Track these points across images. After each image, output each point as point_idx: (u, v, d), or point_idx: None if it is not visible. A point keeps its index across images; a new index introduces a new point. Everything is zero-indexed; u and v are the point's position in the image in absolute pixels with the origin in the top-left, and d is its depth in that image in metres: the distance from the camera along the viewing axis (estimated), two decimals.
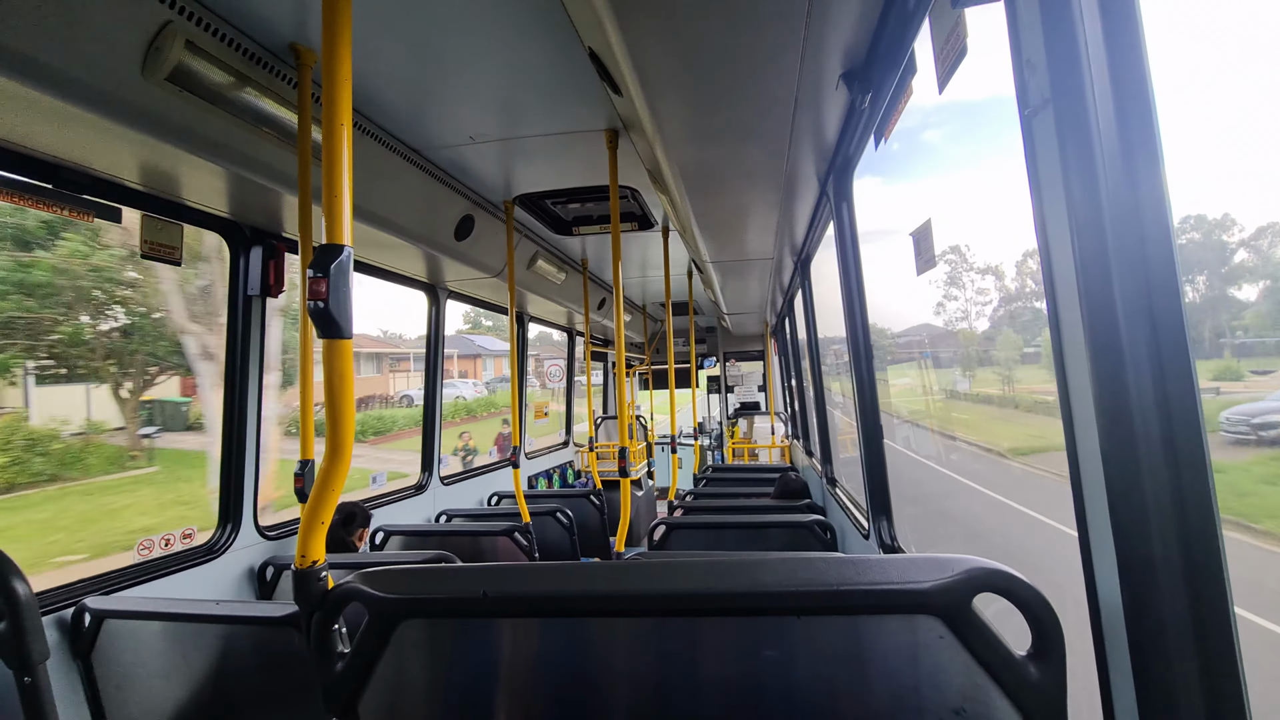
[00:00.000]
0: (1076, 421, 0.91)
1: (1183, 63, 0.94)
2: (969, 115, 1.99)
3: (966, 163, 2.54)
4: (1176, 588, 0.78)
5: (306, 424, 2.16)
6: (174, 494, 8.74)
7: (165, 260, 2.39)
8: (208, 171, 2.13)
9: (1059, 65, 0.86)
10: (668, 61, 1.78)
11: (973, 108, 1.81)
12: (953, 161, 2.68)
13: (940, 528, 3.27)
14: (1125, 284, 0.81)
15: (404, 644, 1.11)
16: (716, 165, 2.63)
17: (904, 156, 2.49)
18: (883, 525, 2.57)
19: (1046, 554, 2.26)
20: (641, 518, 5.73)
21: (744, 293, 6.11)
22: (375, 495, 3.85)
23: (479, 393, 22.49)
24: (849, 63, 1.84)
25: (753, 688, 1.02)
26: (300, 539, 1.43)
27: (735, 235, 3.88)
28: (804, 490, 3.89)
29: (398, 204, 2.95)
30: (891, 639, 0.97)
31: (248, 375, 2.74)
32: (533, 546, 3.35)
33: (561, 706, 1.10)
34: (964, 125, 2.18)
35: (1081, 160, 0.84)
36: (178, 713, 1.89)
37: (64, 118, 1.69)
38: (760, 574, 0.99)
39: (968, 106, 1.82)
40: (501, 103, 2.48)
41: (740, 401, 9.60)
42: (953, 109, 1.99)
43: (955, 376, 3.45)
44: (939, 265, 1.77)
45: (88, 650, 1.97)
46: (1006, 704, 0.92)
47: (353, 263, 1.37)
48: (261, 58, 1.98)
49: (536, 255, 4.57)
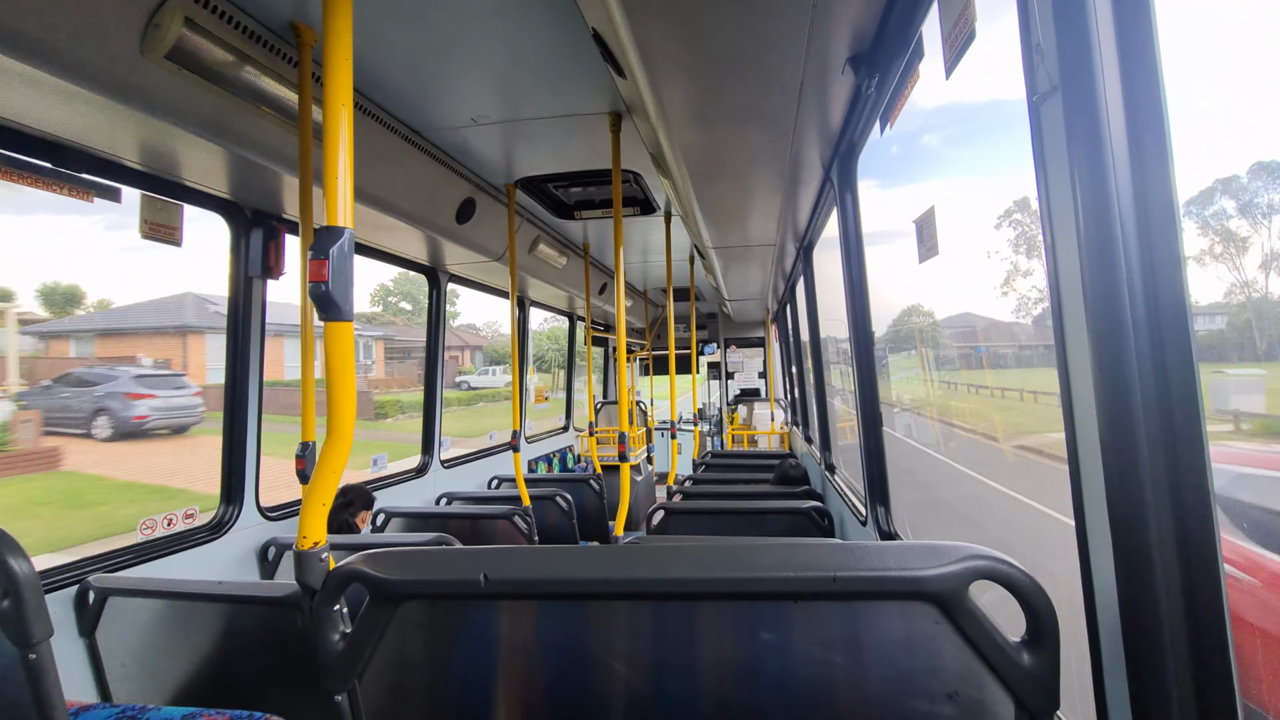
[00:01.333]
0: (1076, 409, 0.91)
1: (1194, 50, 0.92)
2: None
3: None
4: (1172, 578, 0.79)
5: (307, 406, 2.17)
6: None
7: (165, 241, 2.38)
8: (207, 151, 2.12)
9: (1068, 52, 0.85)
10: (672, 43, 1.76)
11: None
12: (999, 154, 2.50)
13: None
14: (1130, 273, 0.80)
15: (404, 625, 1.13)
16: (720, 149, 2.61)
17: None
18: (880, 512, 2.59)
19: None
20: (640, 502, 5.76)
21: (746, 279, 6.09)
22: (377, 478, 3.88)
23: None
24: (856, 46, 1.81)
25: (749, 672, 1.03)
26: (302, 520, 1.44)
27: (738, 221, 3.86)
28: (803, 477, 3.91)
29: (398, 186, 2.93)
30: (887, 625, 0.97)
31: (249, 355, 2.75)
32: (532, 530, 3.37)
33: (560, 688, 1.11)
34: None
35: (1089, 147, 0.83)
36: (181, 690, 1.92)
37: (62, 95, 1.68)
38: (758, 559, 1.00)
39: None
40: (503, 84, 2.45)
41: (740, 388, 9.61)
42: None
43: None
44: (1005, 228, 1.65)
45: (92, 628, 1.99)
46: (999, 689, 0.93)
47: (354, 245, 1.36)
48: (261, 36, 1.96)
49: (538, 239, 4.55)
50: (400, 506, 3.60)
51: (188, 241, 2.41)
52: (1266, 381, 1.23)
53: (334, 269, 1.32)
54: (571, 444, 7.20)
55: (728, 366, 9.66)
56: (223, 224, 2.69)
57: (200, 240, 2.60)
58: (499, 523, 3.42)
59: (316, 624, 1.14)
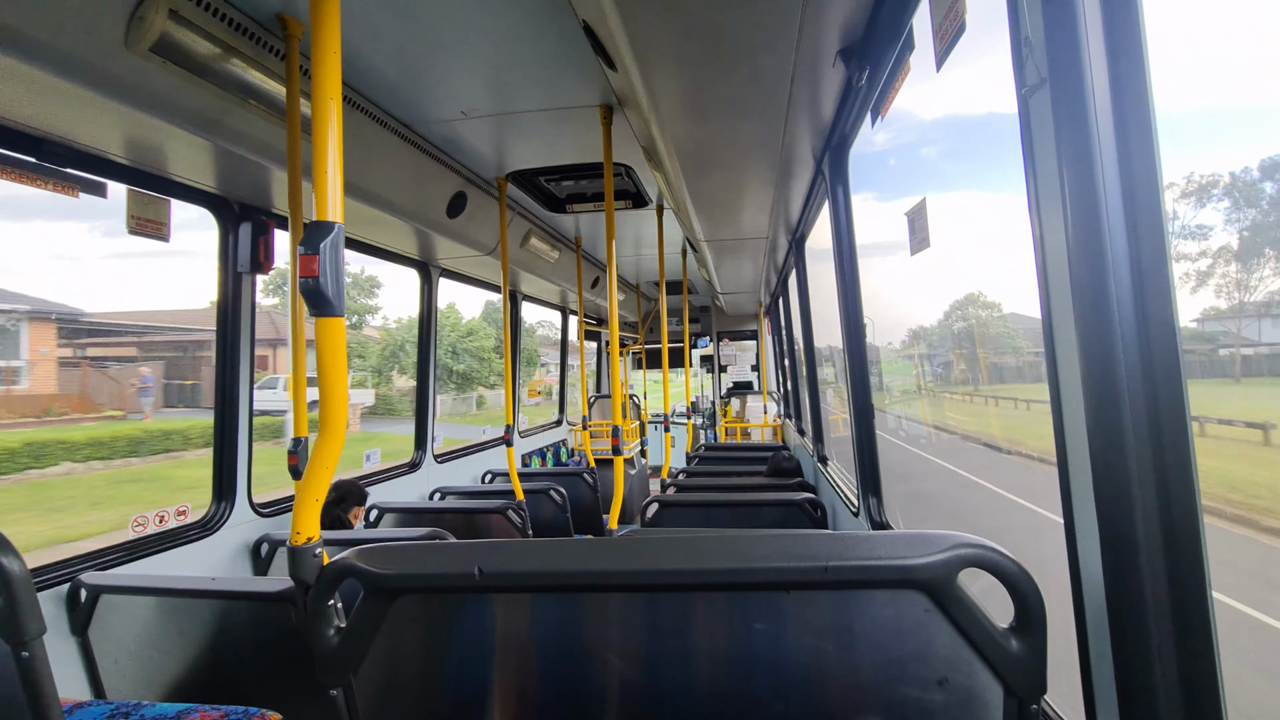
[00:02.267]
0: (1064, 402, 0.92)
1: (1179, 43, 0.93)
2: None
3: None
4: (1157, 566, 0.80)
5: (299, 402, 2.16)
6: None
7: (152, 236, 2.35)
8: (194, 145, 2.09)
9: (1057, 44, 0.86)
10: (663, 35, 1.75)
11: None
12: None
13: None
14: (1117, 265, 0.81)
15: (398, 619, 1.13)
16: (712, 142, 2.61)
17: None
18: (872, 503, 2.61)
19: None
20: (634, 496, 5.77)
21: (738, 272, 6.09)
22: (370, 473, 3.87)
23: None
24: (847, 39, 1.81)
25: (743, 661, 1.04)
26: (295, 516, 1.44)
27: (730, 214, 3.86)
28: (796, 469, 3.92)
29: (388, 180, 2.91)
30: (879, 613, 0.99)
31: (238, 351, 2.73)
32: (526, 524, 3.37)
33: (555, 680, 1.12)
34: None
35: (1077, 139, 0.84)
36: (175, 686, 1.92)
37: (46, 89, 1.65)
38: (751, 550, 1.01)
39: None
40: (494, 77, 2.44)
41: (733, 381, 9.63)
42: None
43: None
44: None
45: (85, 625, 1.99)
46: (989, 675, 0.95)
47: (344, 239, 1.35)
48: (248, 28, 1.93)
49: (530, 233, 4.54)
50: (393, 502, 3.59)
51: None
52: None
53: (324, 264, 1.31)
54: (565, 438, 7.20)
55: (720, 360, 9.67)
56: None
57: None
58: (493, 517, 3.43)
59: (311, 619, 1.14)
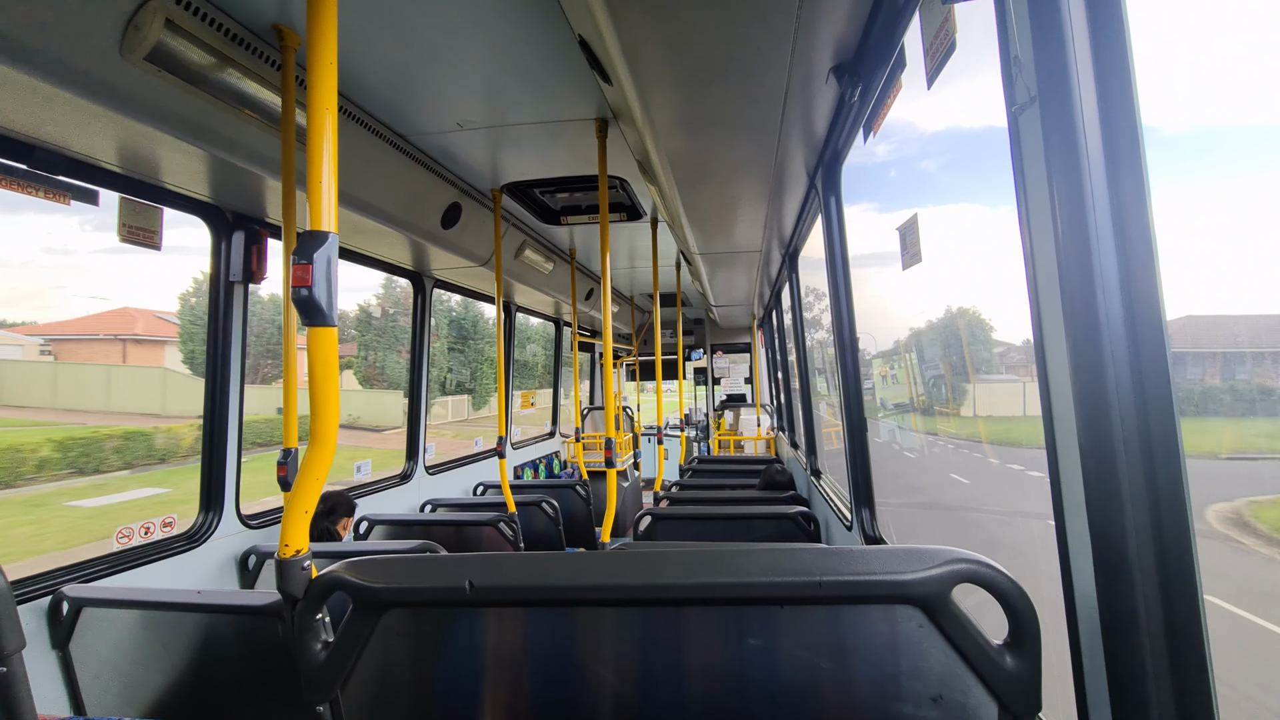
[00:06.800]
0: (1056, 418, 0.93)
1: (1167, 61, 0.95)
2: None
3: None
4: (1149, 581, 0.80)
5: (290, 412, 2.14)
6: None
7: (144, 245, 2.34)
8: (188, 154, 2.09)
9: (1046, 63, 0.87)
10: (658, 50, 1.77)
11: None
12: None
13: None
14: (1106, 279, 0.82)
15: (388, 633, 1.11)
16: (706, 156, 2.62)
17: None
18: (865, 517, 2.60)
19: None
20: (627, 508, 5.74)
21: (732, 285, 6.12)
22: (359, 484, 3.83)
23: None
24: (839, 56, 1.84)
25: (736, 676, 1.03)
26: (284, 528, 1.42)
27: (724, 227, 3.88)
28: (789, 482, 3.92)
29: (383, 190, 2.91)
30: (872, 628, 0.98)
31: (229, 361, 2.71)
32: (518, 537, 3.34)
33: (547, 696, 1.11)
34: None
35: (1066, 157, 0.85)
36: (158, 702, 1.88)
37: (39, 96, 1.65)
38: (744, 565, 1.00)
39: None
40: (490, 89, 2.45)
41: (727, 393, 9.64)
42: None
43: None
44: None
45: (66, 639, 1.95)
46: (983, 691, 0.94)
47: (338, 250, 1.35)
48: (243, 38, 1.94)
49: (524, 244, 4.54)
50: (383, 514, 3.56)
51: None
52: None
53: (317, 274, 1.30)
54: (558, 450, 7.17)
55: (714, 372, 9.69)
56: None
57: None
58: (484, 530, 3.40)
59: (298, 633, 1.12)
